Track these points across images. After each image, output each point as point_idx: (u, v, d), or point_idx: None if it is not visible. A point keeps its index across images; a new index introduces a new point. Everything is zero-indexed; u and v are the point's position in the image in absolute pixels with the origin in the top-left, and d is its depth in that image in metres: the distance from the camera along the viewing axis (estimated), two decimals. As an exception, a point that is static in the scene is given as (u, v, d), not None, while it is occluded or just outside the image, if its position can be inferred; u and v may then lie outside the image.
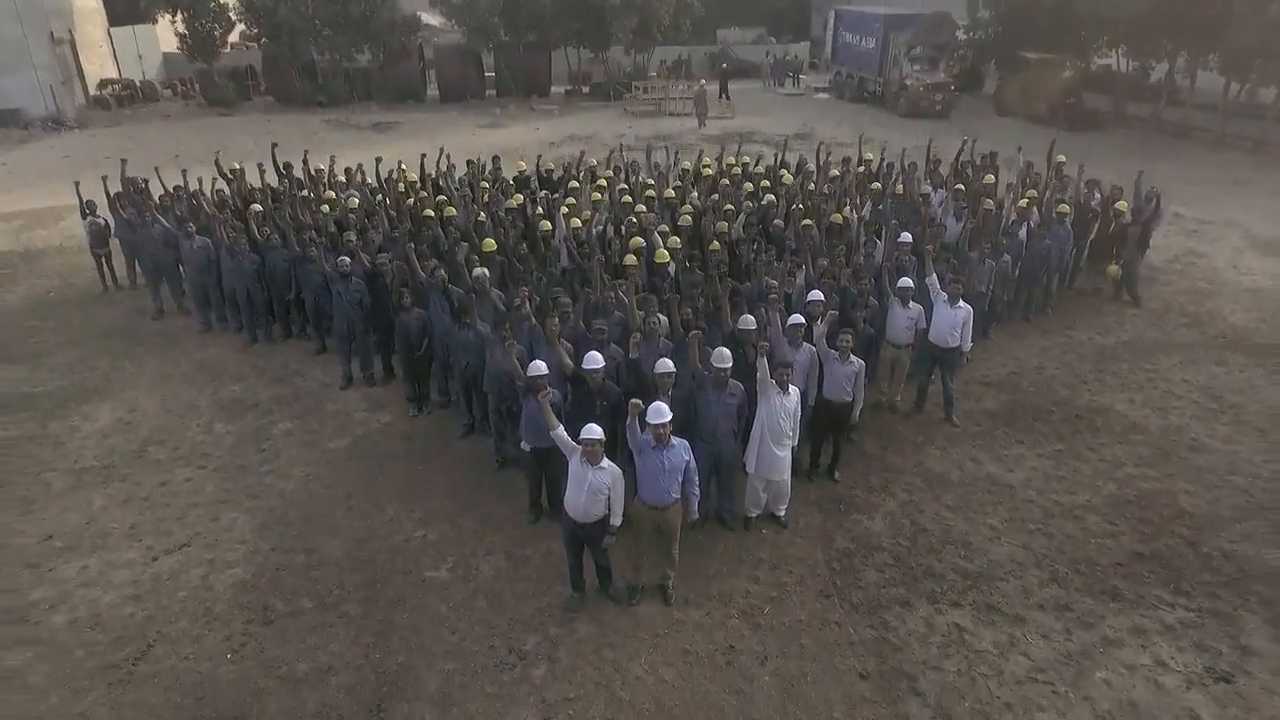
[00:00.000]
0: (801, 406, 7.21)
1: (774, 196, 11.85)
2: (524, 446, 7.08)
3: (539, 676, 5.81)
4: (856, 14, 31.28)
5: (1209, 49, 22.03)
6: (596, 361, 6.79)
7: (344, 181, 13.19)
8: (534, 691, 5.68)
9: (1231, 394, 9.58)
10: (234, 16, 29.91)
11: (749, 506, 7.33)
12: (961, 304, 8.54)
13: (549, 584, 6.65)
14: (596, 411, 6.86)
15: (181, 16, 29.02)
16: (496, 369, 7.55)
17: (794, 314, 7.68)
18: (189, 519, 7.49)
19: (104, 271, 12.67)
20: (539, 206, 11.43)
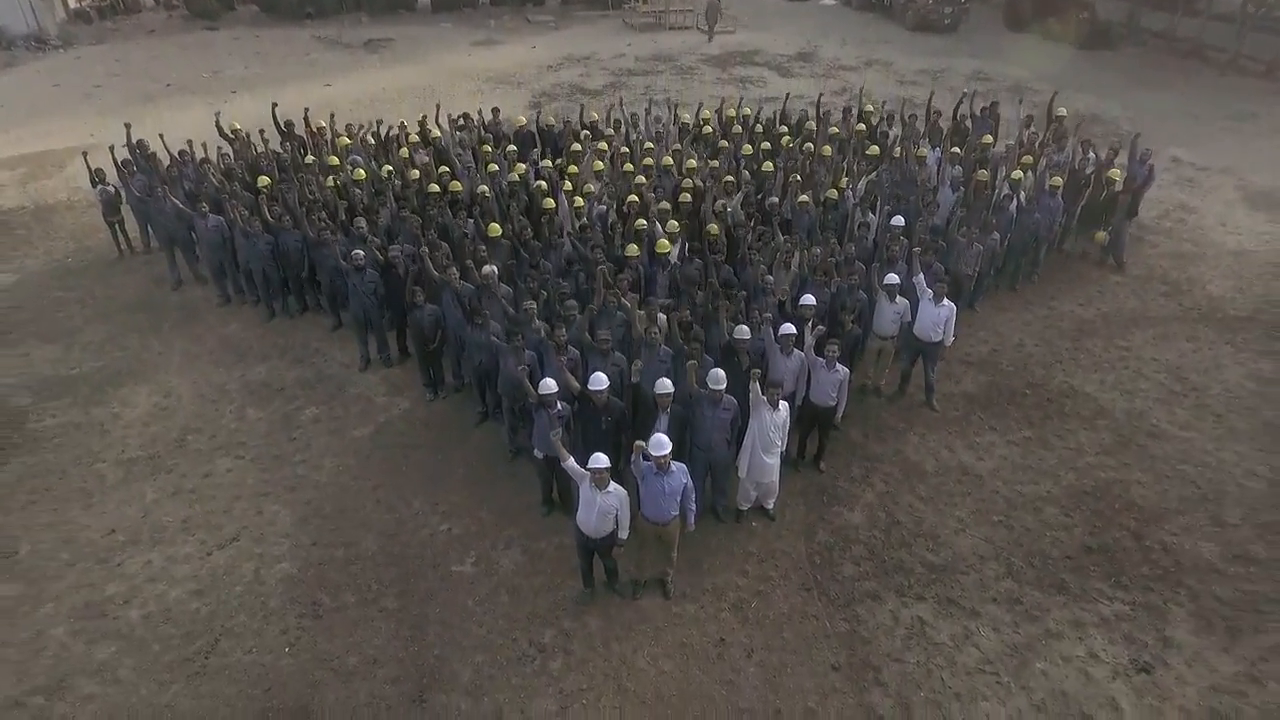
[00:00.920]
0: (790, 406, 7.92)
1: (772, 165, 12.06)
2: (536, 454, 7.80)
3: (556, 669, 6.74)
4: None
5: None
6: (601, 383, 7.39)
7: (347, 143, 13.28)
8: (552, 683, 6.63)
9: (1197, 374, 10.21)
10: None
11: (740, 501, 8.13)
12: (945, 302, 9.05)
13: (562, 578, 7.51)
14: (602, 426, 7.56)
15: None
16: (509, 376, 8.16)
17: (785, 323, 8.25)
18: (235, 512, 8.30)
19: (118, 238, 13.01)
20: (542, 179, 11.70)
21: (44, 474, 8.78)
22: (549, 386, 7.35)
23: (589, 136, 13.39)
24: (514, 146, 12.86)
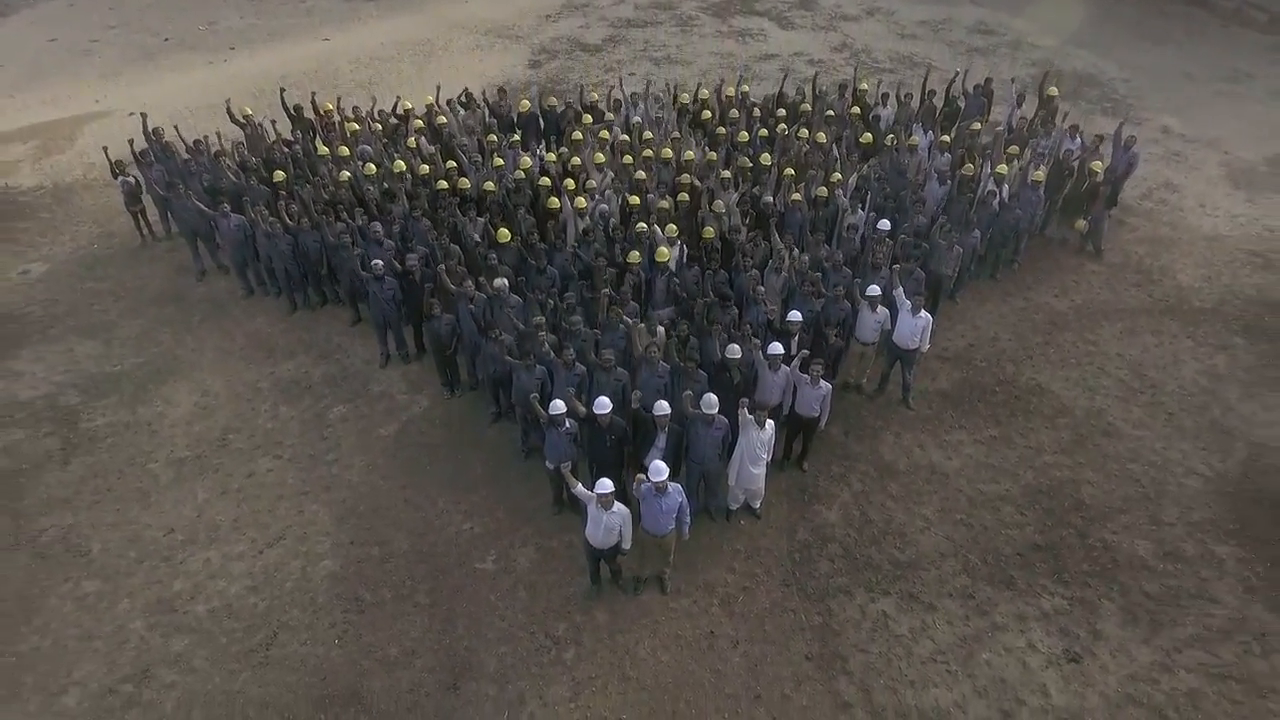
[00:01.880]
0: (777, 415, 8.88)
1: (769, 157, 12.54)
2: (547, 465, 8.73)
3: (569, 658, 7.85)
4: None
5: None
6: (605, 407, 8.24)
7: (356, 128, 13.66)
8: (566, 671, 7.75)
9: (1156, 370, 11.03)
10: None
11: (730, 501, 9.11)
12: (923, 314, 9.79)
13: (573, 575, 8.55)
14: (606, 442, 8.45)
15: None
16: (522, 389, 9.00)
17: (773, 341, 9.05)
18: (279, 511, 9.29)
19: (140, 226, 13.57)
20: (546, 175, 12.22)
21: (103, 474, 9.74)
22: (558, 408, 8.22)
23: (590, 121, 13.75)
24: (517, 136, 13.30)
